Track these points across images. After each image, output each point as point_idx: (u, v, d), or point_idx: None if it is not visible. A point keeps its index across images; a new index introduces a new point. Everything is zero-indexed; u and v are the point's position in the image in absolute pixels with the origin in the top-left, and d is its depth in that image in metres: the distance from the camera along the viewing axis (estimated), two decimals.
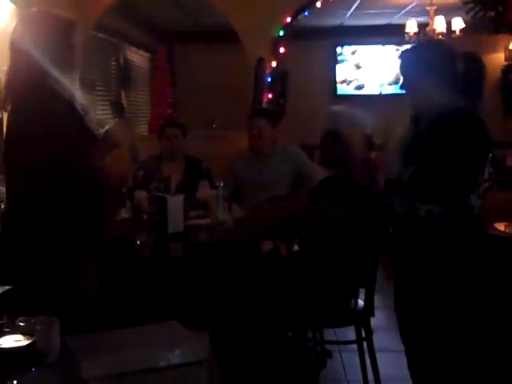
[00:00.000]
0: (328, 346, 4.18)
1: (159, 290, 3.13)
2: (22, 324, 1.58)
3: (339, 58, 10.64)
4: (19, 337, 1.52)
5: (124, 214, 3.86)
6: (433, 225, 2.59)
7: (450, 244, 2.63)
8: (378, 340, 3.69)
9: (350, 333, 3.71)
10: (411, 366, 2.87)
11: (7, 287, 1.94)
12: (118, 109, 2.61)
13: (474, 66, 2.74)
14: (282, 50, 6.60)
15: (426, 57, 2.73)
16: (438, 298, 2.68)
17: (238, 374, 3.03)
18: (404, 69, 2.81)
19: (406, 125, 2.77)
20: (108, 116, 7.84)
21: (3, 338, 1.51)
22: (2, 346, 1.48)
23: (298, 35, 7.37)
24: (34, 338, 1.52)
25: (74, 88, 2.50)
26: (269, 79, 6.61)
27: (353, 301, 3.59)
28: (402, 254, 2.84)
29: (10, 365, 1.47)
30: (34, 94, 2.38)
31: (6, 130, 2.49)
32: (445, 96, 2.61)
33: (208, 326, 2.20)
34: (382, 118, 3.31)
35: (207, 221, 3.84)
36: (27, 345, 1.49)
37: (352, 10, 8.79)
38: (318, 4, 6.55)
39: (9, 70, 2.50)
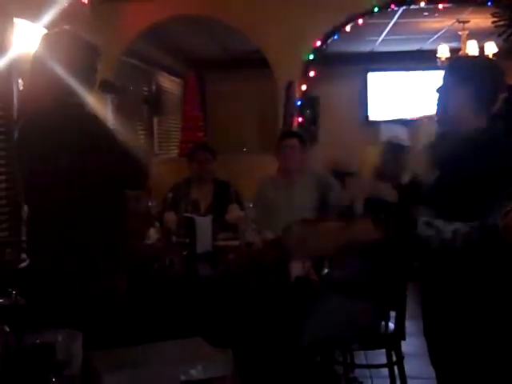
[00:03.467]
0: (359, 371, 4.11)
1: (187, 309, 3.11)
2: (42, 335, 1.56)
3: (370, 84, 10.63)
4: (39, 347, 1.50)
5: (153, 235, 3.86)
6: (458, 246, 2.52)
7: (478, 265, 2.55)
8: (409, 366, 3.63)
9: (382, 357, 3.65)
10: None
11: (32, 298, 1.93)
12: (108, 86, 2.60)
13: None
14: (312, 73, 6.60)
15: (474, 72, 2.64)
16: (466, 321, 2.60)
17: None
18: (447, 76, 2.72)
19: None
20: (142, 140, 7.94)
21: (22, 348, 1.49)
22: (20, 356, 1.47)
23: (329, 61, 7.39)
24: (52, 349, 1.50)
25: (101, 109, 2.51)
26: (299, 103, 6.61)
27: (383, 324, 3.52)
28: (428, 277, 2.77)
29: (28, 372, 1.46)
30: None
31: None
32: (480, 115, 2.56)
33: (234, 345, 2.17)
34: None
35: (236, 242, 3.82)
36: (46, 354, 1.47)
37: (383, 36, 8.79)
38: (348, 28, 6.55)
39: (27, 87, 2.52)
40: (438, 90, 2.68)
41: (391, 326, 3.52)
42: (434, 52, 8.29)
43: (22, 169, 2.54)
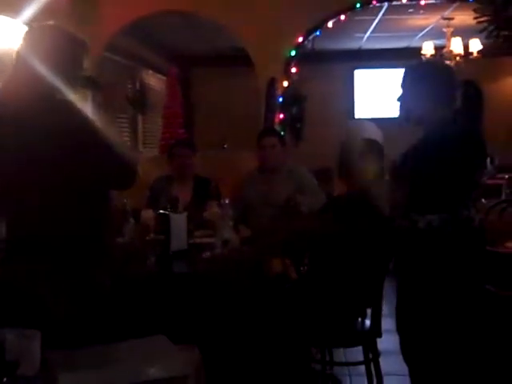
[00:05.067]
0: (337, 368, 4.09)
1: (160, 306, 3.08)
2: None
3: (357, 81, 10.61)
4: None
5: (129, 232, 3.82)
6: (432, 237, 2.54)
7: (450, 257, 2.57)
8: (387, 363, 3.60)
9: (360, 355, 3.63)
10: None
11: None
12: (90, 82, 2.55)
13: (473, 90, 2.76)
14: (294, 70, 6.58)
15: (427, 73, 2.75)
16: (437, 313, 2.62)
17: None
18: (405, 83, 2.81)
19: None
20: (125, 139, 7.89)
21: None
22: None
23: (315, 59, 7.37)
24: (2, 348, 1.46)
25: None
26: (280, 99, 6.58)
27: (360, 321, 3.50)
28: (402, 268, 2.79)
29: None
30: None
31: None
32: (441, 111, 2.61)
33: (208, 343, 2.15)
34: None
35: (212, 240, 3.78)
36: None
37: (368, 33, 8.79)
38: (330, 24, 6.53)
39: (8, 82, 2.47)
40: (398, 99, 2.78)
41: (367, 322, 3.50)
42: (421, 49, 8.28)
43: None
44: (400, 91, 2.81)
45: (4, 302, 2.15)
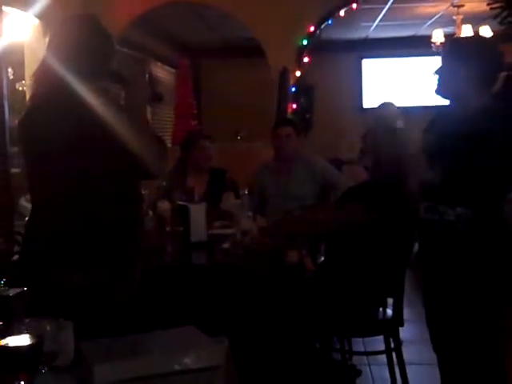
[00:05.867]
0: (357, 358, 4.09)
1: (181, 298, 3.07)
2: (31, 325, 1.52)
3: (365, 70, 10.57)
4: (26, 337, 1.46)
5: (148, 223, 3.80)
6: (460, 229, 2.49)
7: (480, 250, 2.52)
8: (408, 353, 3.59)
9: (379, 344, 3.62)
10: (444, 378, 2.76)
11: (22, 289, 1.88)
12: (115, 76, 2.52)
13: None
14: (306, 59, 6.56)
15: (472, 48, 2.62)
16: (467, 306, 2.57)
17: None
18: (446, 55, 2.69)
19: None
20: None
21: (10, 337, 1.45)
22: (8, 345, 1.42)
23: (323, 48, 7.34)
24: (40, 339, 1.46)
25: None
26: (293, 89, 6.56)
27: (381, 310, 3.49)
28: (429, 262, 2.74)
29: (16, 364, 1.42)
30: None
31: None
32: (480, 95, 2.52)
33: (230, 333, 2.13)
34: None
35: (231, 230, 3.77)
36: (32, 345, 1.43)
37: (377, 22, 8.75)
38: (342, 13, 6.50)
39: (39, 70, 2.43)
40: (437, 72, 2.65)
41: (389, 312, 3.49)
42: (429, 38, 8.25)
43: (26, 155, 2.46)
44: (440, 64, 2.67)
45: (38, 293, 2.14)
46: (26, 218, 2.68)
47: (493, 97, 2.57)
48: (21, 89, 5.59)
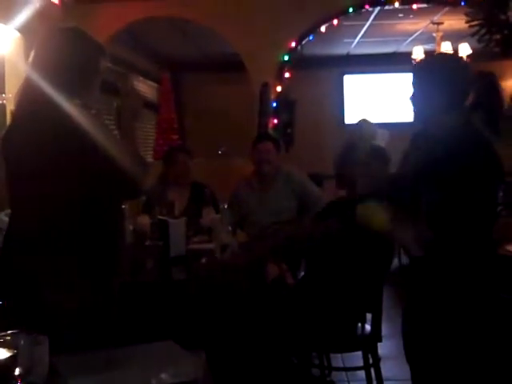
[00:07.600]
0: (336, 374, 4.08)
1: (160, 312, 3.06)
2: (5, 339, 1.51)
3: (347, 86, 10.63)
4: (0, 351, 1.45)
5: (127, 238, 3.79)
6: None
7: (463, 266, 2.51)
8: (386, 368, 3.59)
9: (358, 360, 3.62)
10: None
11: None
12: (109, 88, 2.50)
13: (489, 83, 2.66)
14: (287, 74, 6.59)
15: (439, 69, 2.62)
16: (448, 323, 2.56)
17: None
18: (416, 80, 2.68)
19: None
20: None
21: None
22: None
23: (305, 64, 7.38)
24: (14, 354, 1.44)
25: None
26: (274, 104, 6.59)
27: (360, 326, 3.49)
28: (412, 277, 2.73)
29: None
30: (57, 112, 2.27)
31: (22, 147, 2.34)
32: (456, 112, 2.52)
33: (208, 348, 2.12)
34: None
35: (210, 245, 3.77)
36: (6, 360, 1.42)
37: (358, 38, 8.81)
38: (323, 28, 6.54)
39: (23, 86, 2.40)
40: (411, 98, 2.65)
41: (367, 327, 3.49)
42: (410, 54, 8.32)
43: (7, 171, 2.43)
44: (413, 96, 2.63)
45: (13, 306, 2.12)
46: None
47: (469, 109, 2.57)
48: (0, 102, 5.55)
